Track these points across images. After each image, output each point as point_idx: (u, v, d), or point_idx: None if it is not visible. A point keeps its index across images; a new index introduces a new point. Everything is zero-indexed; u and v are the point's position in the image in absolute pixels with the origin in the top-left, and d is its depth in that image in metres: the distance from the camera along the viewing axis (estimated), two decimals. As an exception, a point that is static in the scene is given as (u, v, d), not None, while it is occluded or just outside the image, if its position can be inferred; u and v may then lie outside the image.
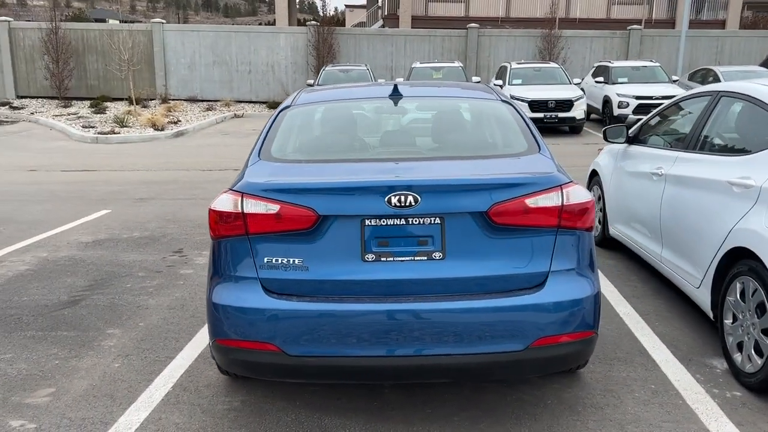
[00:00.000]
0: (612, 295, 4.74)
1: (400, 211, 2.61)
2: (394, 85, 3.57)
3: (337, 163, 2.98)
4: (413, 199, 2.60)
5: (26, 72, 21.75)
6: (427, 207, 2.63)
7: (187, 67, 21.57)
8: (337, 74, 17.36)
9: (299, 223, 2.65)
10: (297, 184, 2.72)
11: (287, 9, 29.60)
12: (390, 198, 2.60)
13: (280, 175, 2.84)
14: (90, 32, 21.59)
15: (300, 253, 2.67)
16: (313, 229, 2.65)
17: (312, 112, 3.60)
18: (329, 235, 2.66)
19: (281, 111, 3.57)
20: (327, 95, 3.78)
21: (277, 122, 3.41)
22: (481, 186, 2.67)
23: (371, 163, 2.97)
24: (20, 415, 3.19)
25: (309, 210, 2.64)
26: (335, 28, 21.65)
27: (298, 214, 2.65)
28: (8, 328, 4.28)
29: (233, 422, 3.10)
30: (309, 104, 3.64)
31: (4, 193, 9.14)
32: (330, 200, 2.65)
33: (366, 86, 3.93)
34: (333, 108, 3.66)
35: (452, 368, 2.67)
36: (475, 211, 2.65)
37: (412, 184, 2.61)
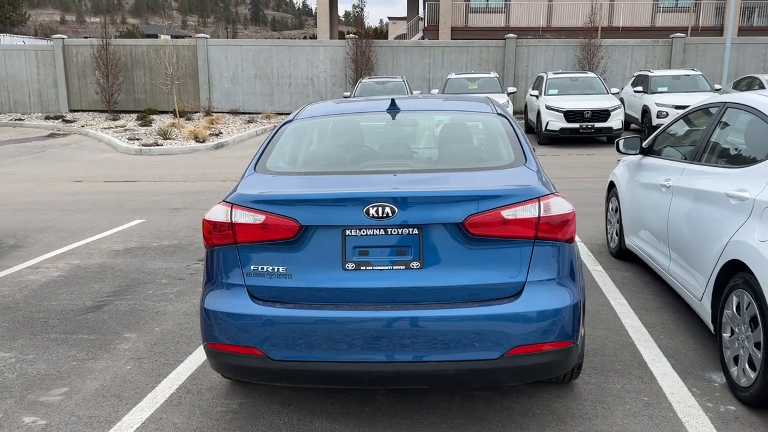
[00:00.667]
0: (621, 307, 4.72)
1: (379, 222, 2.71)
2: (392, 100, 3.68)
3: (326, 176, 3.11)
4: (390, 210, 2.70)
5: (78, 87, 22.71)
6: (404, 218, 2.72)
7: (229, 81, 22.15)
8: (373, 86, 17.58)
9: (283, 232, 2.77)
10: (280, 195, 2.86)
11: (329, 23, 30.14)
12: (368, 209, 2.70)
13: (270, 187, 2.98)
14: (138, 48, 22.41)
15: (284, 261, 2.80)
16: (296, 239, 2.78)
17: (311, 126, 3.74)
18: (311, 245, 2.78)
19: (283, 125, 3.72)
20: (329, 109, 3.91)
21: (276, 136, 3.56)
22: (457, 198, 2.75)
23: (358, 175, 3.08)
24: (33, 411, 3.39)
25: (292, 220, 2.77)
26: (373, 41, 21.92)
27: (281, 224, 2.78)
28: (34, 331, 4.54)
29: (228, 424, 3.24)
30: (309, 118, 3.79)
31: (50, 203, 9.61)
32: (311, 211, 2.77)
33: (368, 101, 4.05)
34: (330, 122, 3.79)
35: (428, 375, 2.74)
36: (451, 222, 2.73)
37: (389, 196, 2.71)
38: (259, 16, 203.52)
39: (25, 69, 22.88)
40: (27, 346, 4.28)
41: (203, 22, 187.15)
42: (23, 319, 4.77)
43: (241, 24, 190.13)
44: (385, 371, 2.73)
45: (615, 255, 5.96)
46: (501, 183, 2.88)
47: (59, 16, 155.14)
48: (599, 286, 5.21)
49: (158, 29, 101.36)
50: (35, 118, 21.88)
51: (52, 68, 22.62)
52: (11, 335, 4.46)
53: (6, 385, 3.71)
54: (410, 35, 33.84)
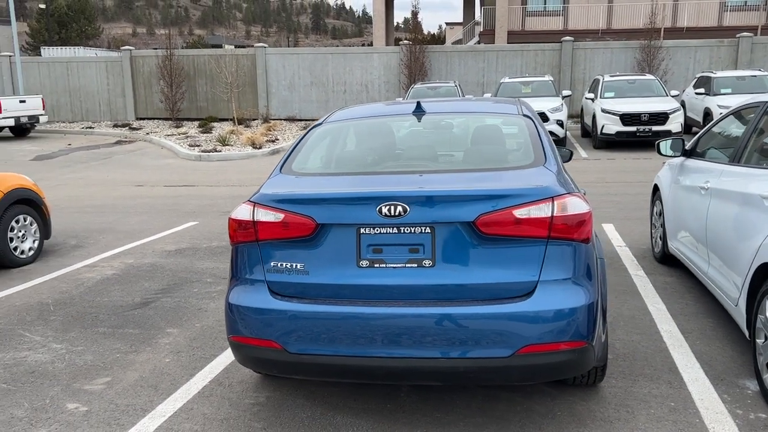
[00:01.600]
0: (659, 312, 4.61)
1: (391, 220, 2.78)
2: (417, 102, 3.74)
3: (346, 176, 3.20)
4: (402, 209, 2.76)
5: (144, 96, 23.72)
6: (416, 217, 2.78)
7: (287, 88, 22.65)
8: (426, 91, 17.65)
9: (300, 230, 2.88)
10: (299, 194, 2.97)
11: (384, 29, 30.41)
12: (381, 208, 2.78)
13: (291, 186, 3.10)
14: (200, 58, 23.22)
15: (301, 258, 2.90)
16: (313, 236, 2.88)
17: (337, 129, 3.84)
18: (327, 242, 2.87)
19: (312, 128, 3.84)
20: (356, 113, 4.01)
21: (304, 139, 3.69)
22: (468, 197, 2.79)
23: (377, 175, 3.16)
24: (77, 399, 3.61)
25: (309, 219, 2.87)
26: (427, 46, 21.99)
27: (299, 222, 2.88)
28: (86, 325, 4.81)
29: (254, 416, 3.36)
30: (337, 121, 3.89)
31: (111, 206, 10.09)
32: (327, 210, 2.87)
33: (395, 104, 4.12)
34: (357, 125, 3.88)
35: (440, 371, 2.79)
36: (463, 221, 2.77)
37: (400, 195, 2.78)
38: (320, 25, 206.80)
39: (96, 80, 24.07)
40: (77, 338, 4.54)
41: (266, 32, 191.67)
42: (77, 314, 5.06)
43: (302, 33, 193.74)
44: (396, 367, 2.79)
45: (659, 260, 5.82)
46: (515, 183, 2.89)
47: (131, 29, 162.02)
48: (639, 291, 5.11)
49: (222, 40, 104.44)
50: (104, 126, 22.96)
51: (121, 78, 23.71)
52: (65, 328, 4.74)
53: (55, 374, 3.96)
54: (466, 40, 33.74)
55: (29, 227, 6.78)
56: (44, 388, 3.76)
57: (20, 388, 3.76)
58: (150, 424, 3.31)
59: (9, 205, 6.50)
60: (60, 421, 3.36)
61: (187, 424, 3.30)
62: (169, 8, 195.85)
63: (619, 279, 5.42)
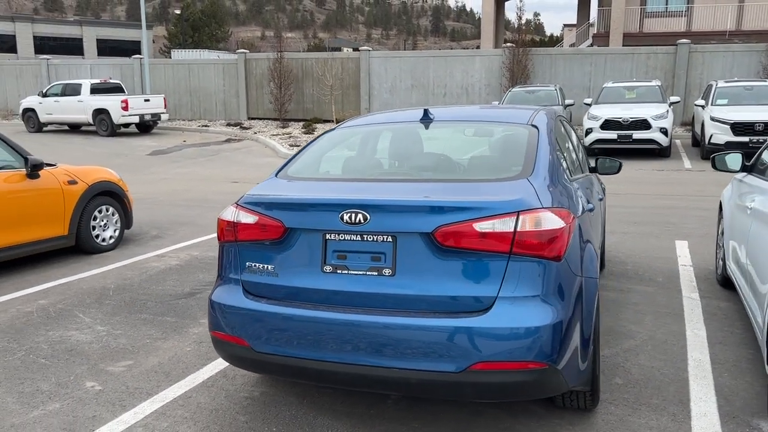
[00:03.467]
0: (696, 339, 4.28)
1: (354, 227, 2.81)
2: (424, 110, 3.73)
3: (327, 182, 3.25)
4: (362, 217, 2.78)
5: (256, 97, 24.94)
6: (378, 225, 2.78)
7: (388, 91, 22.96)
8: (523, 95, 17.29)
9: (272, 233, 2.97)
10: (270, 198, 3.06)
11: (493, 31, 30.01)
12: (342, 215, 2.81)
13: (274, 190, 3.20)
14: (308, 61, 24.06)
15: (272, 260, 3.00)
16: (282, 239, 2.96)
17: (346, 135, 3.90)
18: (296, 246, 2.94)
19: (324, 133, 3.93)
20: (369, 119, 4.05)
21: (313, 143, 3.79)
22: (427, 208, 2.75)
23: (358, 182, 3.18)
24: (96, 378, 3.93)
25: (279, 222, 2.96)
26: (530, 49, 21.47)
27: (270, 224, 2.98)
28: (132, 311, 5.19)
29: (243, 409, 3.50)
30: (348, 127, 3.96)
31: (202, 200, 10.74)
32: (295, 214, 2.94)
33: (406, 111, 4.11)
34: (365, 131, 3.92)
35: (392, 381, 2.77)
36: (422, 232, 2.74)
37: (359, 203, 2.80)
38: (440, 27, 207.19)
39: (214, 81, 25.62)
40: (120, 322, 4.91)
41: (386, 35, 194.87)
42: (129, 300, 5.47)
43: (421, 35, 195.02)
44: (351, 373, 2.81)
45: (720, 282, 5.39)
46: (482, 195, 2.82)
47: (260, 32, 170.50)
48: (684, 314, 4.76)
49: (343, 43, 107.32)
50: (218, 125, 24.38)
51: (236, 80, 25.08)
52: (113, 312, 5.15)
53: (88, 354, 4.31)
54: (579, 43, 32.53)
55: (111, 217, 7.39)
56: (74, 365, 4.12)
57: (54, 364, 4.14)
58: (148, 407, 3.54)
59: (93, 197, 7.12)
60: (73, 398, 3.67)
61: (180, 411, 3.49)
62: (296, 12, 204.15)
63: (668, 301, 5.08)
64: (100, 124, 21.66)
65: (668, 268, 6.01)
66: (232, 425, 3.33)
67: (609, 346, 4.21)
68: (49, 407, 3.56)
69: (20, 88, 28.96)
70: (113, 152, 18.02)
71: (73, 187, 6.90)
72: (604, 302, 5.09)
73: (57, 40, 61.42)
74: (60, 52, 56.53)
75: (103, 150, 18.45)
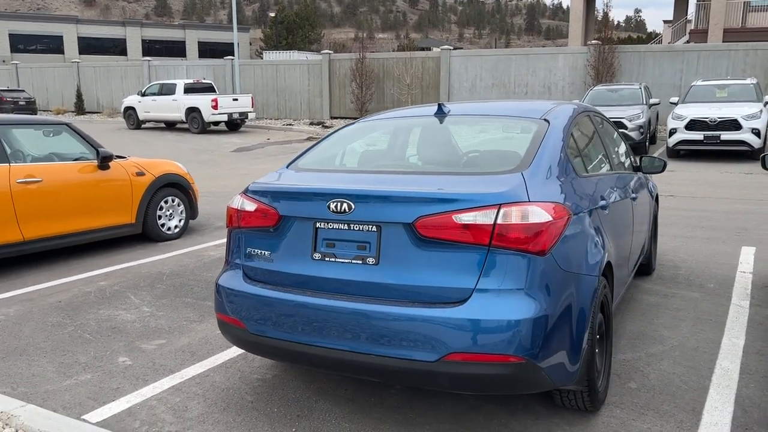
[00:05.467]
0: (731, 347, 4.05)
1: (341, 216, 2.88)
2: (439, 105, 3.74)
3: (328, 173, 3.33)
4: (347, 206, 2.85)
5: (338, 96, 25.47)
6: (362, 215, 2.84)
7: (468, 90, 22.81)
8: (606, 94, 16.71)
9: (268, 220, 3.10)
10: (269, 187, 3.18)
11: (582, 29, 29.12)
12: (329, 204, 2.89)
13: (278, 180, 3.32)
14: (389, 60, 24.30)
15: (268, 246, 3.12)
16: (277, 227, 3.08)
17: (363, 129, 3.97)
18: (289, 234, 3.05)
19: (344, 126, 4.03)
20: (389, 114, 4.11)
21: (330, 135, 3.89)
22: (408, 199, 2.78)
23: (349, 174, 3.25)
24: (129, 354, 4.21)
25: (274, 210, 3.08)
26: (617, 46, 20.67)
27: (267, 212, 3.10)
28: (179, 294, 5.50)
29: (252, 390, 3.66)
30: (367, 121, 4.04)
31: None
32: (289, 203, 3.05)
33: (423, 106, 4.13)
34: (381, 125, 3.98)
35: (370, 367, 2.81)
36: (404, 222, 2.78)
37: (344, 193, 2.87)
38: (534, 26, 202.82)
39: (299, 81, 26.39)
40: (165, 305, 5.22)
41: (478, 34, 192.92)
42: (178, 285, 5.79)
43: (515, 34, 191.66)
44: (334, 357, 2.88)
45: (782, 291, 5.04)
46: (467, 187, 2.81)
47: (353, 34, 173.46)
48: (725, 322, 4.51)
49: (433, 43, 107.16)
50: (302, 124, 25.08)
51: (319, 80, 25.71)
52: (162, 295, 5.47)
53: (128, 331, 4.62)
54: (675, 40, 30.95)
55: (176, 208, 7.82)
56: (113, 342, 4.43)
57: (96, 340, 4.47)
58: (167, 383, 3.76)
59: (159, 188, 7.56)
60: (104, 370, 3.95)
61: (194, 388, 3.69)
62: (389, 13, 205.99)
63: (712, 307, 4.81)
64: (192, 121, 22.81)
65: (724, 274, 5.68)
66: (238, 404, 3.49)
67: (633, 350, 4.06)
68: (81, 377, 3.86)
69: (125, 87, 30.99)
70: (200, 148, 18.94)
71: (141, 178, 7.36)
72: (642, 306, 4.89)
73: (162, 43, 65.25)
74: (165, 54, 60.04)
75: (192, 146, 19.43)
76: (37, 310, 5.11)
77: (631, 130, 14.79)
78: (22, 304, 5.27)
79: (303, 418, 3.31)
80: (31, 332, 4.62)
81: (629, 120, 14.83)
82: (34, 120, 6.88)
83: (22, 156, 6.46)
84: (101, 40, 61.77)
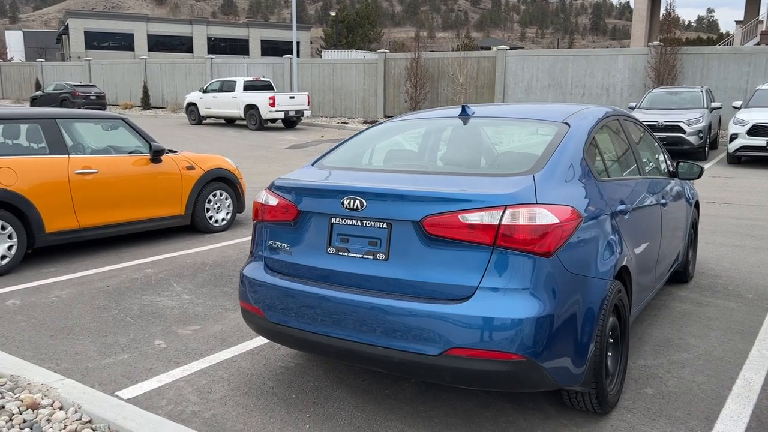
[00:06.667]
0: (759, 359, 3.97)
1: (354, 213, 3.00)
2: (463, 107, 3.81)
3: (347, 171, 3.46)
4: (360, 203, 2.96)
5: (393, 95, 25.63)
6: (374, 212, 2.95)
7: (523, 91, 22.58)
8: (665, 96, 16.31)
9: (288, 215, 3.25)
10: (291, 183, 3.33)
11: (646, 29, 28.36)
12: (343, 201, 3.01)
13: (300, 176, 3.47)
14: (444, 60, 24.30)
15: (288, 239, 3.27)
16: (296, 221, 3.23)
17: (385, 129, 4.08)
18: (307, 228, 3.19)
19: (373, 125, 4.15)
20: (416, 114, 4.20)
21: (357, 135, 4.02)
22: (417, 198, 2.88)
23: (365, 172, 3.36)
24: (165, 338, 4.45)
25: (293, 205, 3.22)
26: (679, 48, 20.06)
27: (288, 207, 3.25)
28: (218, 284, 5.74)
29: (274, 376, 3.82)
30: (394, 121, 4.14)
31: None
32: (307, 199, 3.19)
33: (448, 108, 4.20)
34: (407, 125, 4.08)
35: (376, 358, 2.92)
36: (412, 220, 2.87)
37: (356, 190, 2.98)
38: (600, 26, 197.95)
39: (354, 80, 26.69)
40: (204, 293, 5.47)
41: (541, 33, 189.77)
42: (219, 275, 6.04)
43: (579, 34, 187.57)
44: (343, 347, 3.00)
45: (818, 303, 4.88)
46: (477, 188, 2.88)
47: (414, 33, 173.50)
48: (757, 332, 4.41)
49: (495, 42, 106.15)
50: (356, 122, 25.38)
51: (374, 79, 25.94)
52: (202, 284, 5.73)
53: (167, 317, 4.88)
54: (744, 41, 29.73)
55: (224, 201, 8.12)
56: (152, 326, 4.69)
57: (138, 323, 4.74)
58: (197, 366, 3.97)
59: (207, 182, 7.88)
60: (141, 352, 4.20)
61: (220, 372, 3.89)
62: (450, 12, 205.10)
63: (746, 318, 4.71)
64: (250, 118, 23.42)
65: (766, 284, 5.52)
66: (260, 389, 3.66)
67: (656, 356, 4.03)
68: (119, 357, 4.11)
69: (188, 84, 32.07)
70: (256, 144, 19.44)
71: (191, 172, 7.69)
72: (674, 313, 4.82)
73: (227, 41, 67.02)
74: (228, 51, 61.69)
75: (248, 142, 19.95)
76: (87, 293, 5.45)
77: (690, 134, 14.39)
78: (74, 287, 5.62)
79: (318, 405, 3.45)
80: (79, 314, 4.93)
81: (687, 124, 14.42)
82: (93, 114, 7.28)
83: (82, 148, 6.86)
84: (169, 38, 63.99)
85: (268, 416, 3.34)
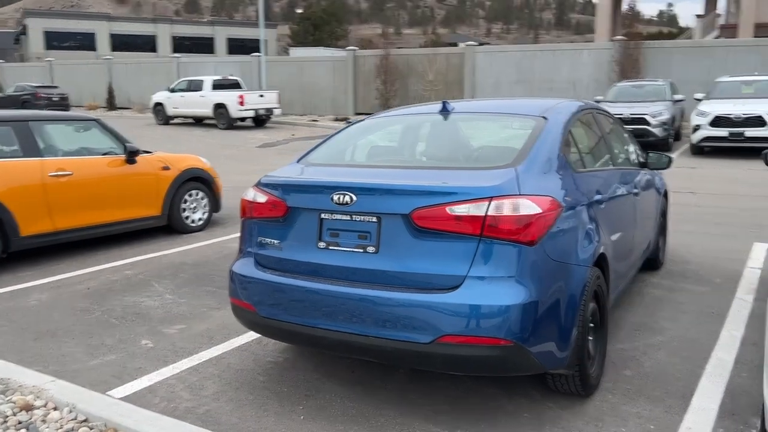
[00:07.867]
0: (729, 339, 4.16)
1: (343, 208, 3.08)
2: (443, 103, 3.91)
3: (334, 167, 3.53)
4: (349, 198, 3.05)
5: (363, 92, 25.67)
6: (363, 206, 3.04)
7: (492, 86, 22.83)
8: (630, 90, 16.70)
9: (277, 211, 3.32)
10: (279, 180, 3.39)
11: (609, 24, 28.88)
12: (333, 196, 3.09)
13: (287, 174, 3.53)
14: (413, 57, 24.43)
15: (277, 235, 3.33)
16: (285, 217, 3.29)
17: (367, 126, 4.17)
18: (296, 224, 3.26)
19: (355, 122, 4.23)
20: (397, 111, 4.30)
21: (339, 132, 4.09)
22: (405, 192, 2.97)
23: (353, 168, 3.45)
24: (151, 338, 4.47)
25: (283, 202, 3.29)
26: (642, 42, 20.52)
27: (276, 204, 3.32)
28: (200, 283, 5.76)
29: (265, 371, 3.88)
30: (376, 118, 4.23)
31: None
32: (296, 195, 3.26)
33: (427, 104, 4.31)
34: (388, 122, 4.17)
35: (369, 348, 3.01)
36: (401, 213, 2.97)
37: (346, 186, 3.07)
38: (564, 21, 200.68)
39: (324, 77, 26.66)
40: (186, 293, 5.48)
41: (506, 29, 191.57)
42: (200, 274, 6.05)
43: (544, 29, 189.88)
44: (336, 339, 3.09)
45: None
46: (461, 181, 2.99)
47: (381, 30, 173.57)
48: (727, 315, 4.61)
49: (461, 38, 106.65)
50: (326, 120, 25.35)
51: (344, 76, 25.95)
52: (183, 284, 5.74)
53: (151, 316, 4.88)
54: (704, 35, 30.51)
55: (200, 201, 8.10)
56: (137, 326, 4.69)
57: (122, 324, 4.74)
58: (186, 364, 4.01)
59: (183, 182, 7.85)
60: (128, 352, 4.22)
61: (210, 369, 3.93)
62: (416, 9, 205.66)
63: (716, 301, 4.91)
64: (219, 117, 23.22)
65: (733, 269, 5.75)
66: (251, 383, 3.72)
67: (632, 340, 4.19)
68: (106, 358, 4.12)
69: (154, 84, 31.59)
70: (226, 144, 19.31)
71: (166, 172, 7.65)
72: (647, 299, 5.00)
73: (192, 40, 66.11)
74: (194, 50, 60.80)
75: (218, 141, 19.81)
76: (67, 296, 5.42)
77: (655, 126, 14.75)
78: (54, 290, 5.58)
79: (310, 398, 3.52)
80: (61, 316, 4.91)
81: (652, 116, 14.79)
82: (65, 116, 7.21)
83: (55, 150, 6.78)
84: (132, 37, 62.91)
85: (262, 409, 3.40)
